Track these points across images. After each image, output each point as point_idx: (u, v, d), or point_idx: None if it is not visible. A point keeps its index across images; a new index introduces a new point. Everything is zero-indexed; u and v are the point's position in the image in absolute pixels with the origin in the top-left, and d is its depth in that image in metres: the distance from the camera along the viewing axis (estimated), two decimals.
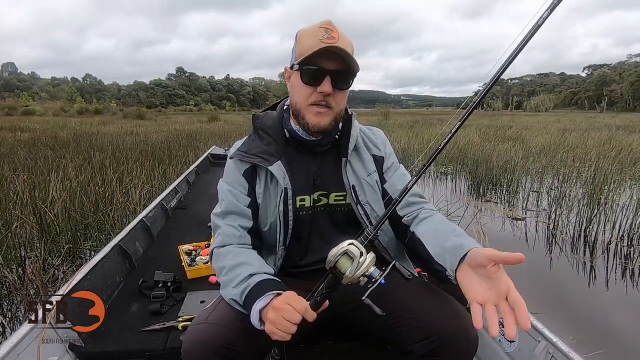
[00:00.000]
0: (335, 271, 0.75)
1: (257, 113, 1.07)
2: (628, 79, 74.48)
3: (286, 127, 1.02)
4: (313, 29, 0.90)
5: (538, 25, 0.68)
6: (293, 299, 0.78)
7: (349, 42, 0.90)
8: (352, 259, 0.73)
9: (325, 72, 0.89)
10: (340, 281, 0.75)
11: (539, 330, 1.08)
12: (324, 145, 1.01)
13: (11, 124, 14.41)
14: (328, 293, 0.78)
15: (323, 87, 0.89)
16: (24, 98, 56.59)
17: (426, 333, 0.84)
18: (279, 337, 0.76)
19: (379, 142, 1.09)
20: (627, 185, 4.94)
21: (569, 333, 1.88)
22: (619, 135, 10.62)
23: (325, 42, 0.86)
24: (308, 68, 0.89)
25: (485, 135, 10.28)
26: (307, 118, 0.93)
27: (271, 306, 0.79)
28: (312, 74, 0.90)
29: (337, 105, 0.94)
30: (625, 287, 2.54)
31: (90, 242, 2.92)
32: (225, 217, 0.99)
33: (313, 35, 0.88)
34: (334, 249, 0.75)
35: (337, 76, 0.90)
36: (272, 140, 1.01)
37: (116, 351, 1.20)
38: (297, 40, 0.94)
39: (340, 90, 0.93)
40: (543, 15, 0.67)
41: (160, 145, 7.56)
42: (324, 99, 0.91)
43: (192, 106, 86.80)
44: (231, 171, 1.02)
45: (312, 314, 0.77)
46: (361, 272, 0.73)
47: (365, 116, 22.46)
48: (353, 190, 0.99)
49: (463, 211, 3.97)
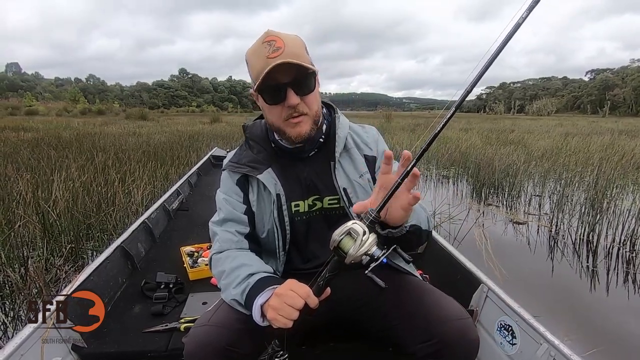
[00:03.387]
0: (338, 251, 0.75)
1: (247, 123, 1.08)
2: (631, 84, 74.28)
3: (270, 139, 1.03)
4: (257, 47, 0.88)
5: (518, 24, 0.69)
6: (295, 285, 0.79)
7: (297, 43, 0.90)
8: (354, 239, 0.73)
9: (284, 86, 0.88)
10: (343, 261, 0.75)
11: (541, 333, 1.08)
12: (309, 151, 1.01)
13: (15, 124, 14.47)
14: (331, 277, 0.78)
15: (289, 101, 0.88)
16: (27, 98, 56.84)
17: (428, 335, 0.84)
18: (281, 324, 0.76)
19: (370, 141, 1.08)
20: (630, 190, 4.92)
21: (570, 336, 1.88)
22: (622, 139, 10.57)
23: (271, 57, 0.84)
24: (266, 89, 0.89)
25: (488, 138, 10.26)
26: (288, 132, 0.94)
27: (274, 293, 0.80)
28: (273, 93, 0.89)
29: (311, 108, 0.94)
30: (627, 293, 2.53)
31: (92, 243, 2.93)
32: (222, 225, 1.00)
33: (259, 55, 0.87)
34: (338, 229, 0.75)
35: (297, 85, 0.89)
36: (262, 149, 1.02)
37: (119, 352, 1.21)
38: (247, 63, 0.93)
39: (307, 95, 0.92)
40: (523, 15, 0.68)
41: (162, 146, 7.57)
42: (295, 110, 0.90)
43: (194, 107, 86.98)
44: (225, 181, 1.04)
45: (315, 299, 0.77)
46: (364, 250, 0.73)
47: (367, 119, 22.46)
48: (345, 193, 0.99)
49: (465, 215, 3.96)
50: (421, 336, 0.85)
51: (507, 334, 1.21)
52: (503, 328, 1.23)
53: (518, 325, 1.18)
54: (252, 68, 0.90)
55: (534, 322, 1.12)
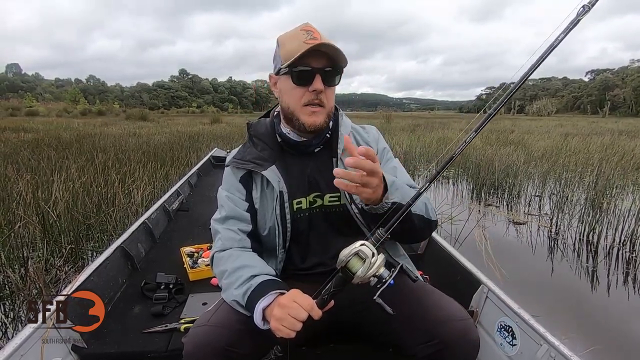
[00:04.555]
0: (346, 271, 0.75)
1: (251, 121, 1.08)
2: (631, 84, 74.26)
3: (277, 132, 1.03)
4: (294, 32, 0.92)
5: (565, 33, 0.69)
6: (300, 297, 0.79)
7: (331, 42, 0.92)
8: (363, 260, 0.74)
9: (315, 70, 0.90)
10: (350, 281, 0.76)
11: (541, 333, 1.08)
12: (316, 145, 1.02)
13: (15, 125, 14.47)
14: (335, 292, 0.79)
15: (315, 85, 0.91)
16: (27, 99, 56.79)
17: (428, 335, 0.84)
18: (284, 334, 0.77)
19: (370, 139, 1.09)
20: (629, 190, 4.92)
21: (568, 334, 1.88)
22: (622, 140, 10.58)
23: (309, 42, 0.88)
24: (297, 69, 0.91)
25: (488, 139, 10.25)
26: (302, 119, 0.95)
27: (277, 303, 0.80)
28: (303, 75, 0.91)
29: (329, 102, 0.96)
30: (627, 293, 2.53)
31: (92, 243, 2.93)
32: (224, 222, 1.00)
33: (295, 38, 0.90)
34: (346, 249, 0.75)
35: (327, 73, 0.92)
36: (266, 146, 1.02)
37: (118, 353, 1.21)
38: (279, 45, 0.95)
39: (330, 87, 0.95)
40: (569, 25, 0.68)
41: (162, 147, 7.57)
42: (317, 97, 0.92)
43: (194, 108, 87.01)
44: (228, 178, 1.04)
45: (318, 311, 0.78)
46: (372, 273, 0.74)
47: (367, 119, 22.47)
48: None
49: (465, 215, 3.96)
50: (422, 337, 0.85)
51: (507, 335, 1.21)
52: (503, 329, 1.23)
53: (518, 326, 1.18)
54: (285, 49, 0.92)
55: (534, 322, 1.12)
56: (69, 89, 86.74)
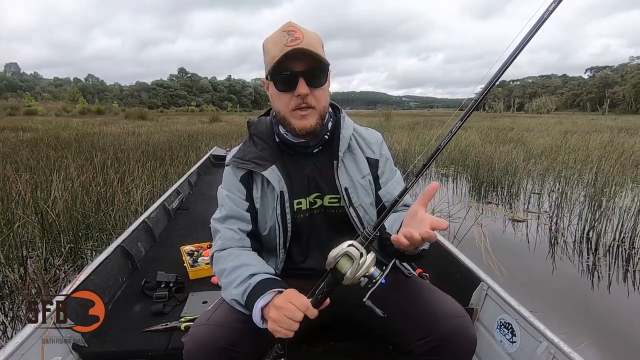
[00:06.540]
0: (335, 272, 0.75)
1: (252, 120, 1.08)
2: (630, 81, 74.29)
3: (275, 133, 1.02)
4: (276, 35, 0.90)
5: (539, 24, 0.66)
6: (295, 297, 0.79)
7: (315, 37, 0.90)
8: (352, 260, 0.73)
9: (296, 74, 0.88)
10: (340, 282, 0.76)
11: (541, 330, 1.08)
12: (314, 146, 1.01)
13: (14, 124, 14.46)
14: (329, 291, 0.79)
15: (299, 90, 0.89)
16: (26, 98, 56.63)
17: (425, 332, 0.85)
18: (281, 335, 0.77)
19: (373, 144, 1.08)
20: (629, 187, 4.93)
21: (569, 334, 1.88)
22: (621, 137, 10.60)
23: (289, 45, 0.86)
24: (279, 75, 0.89)
25: (487, 137, 10.27)
26: (293, 123, 0.94)
27: (273, 304, 0.80)
28: (285, 80, 0.90)
29: (319, 102, 0.94)
30: (627, 290, 2.54)
31: (91, 242, 2.93)
32: (224, 222, 0.99)
33: (277, 42, 0.88)
34: (334, 251, 0.75)
35: (310, 76, 0.89)
36: (266, 146, 1.01)
37: (119, 351, 1.20)
38: (264, 50, 0.94)
39: (317, 88, 0.92)
40: (544, 15, 0.65)
41: (161, 145, 7.57)
42: (304, 100, 0.91)
43: (193, 107, 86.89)
44: (228, 177, 1.03)
45: (314, 311, 0.78)
46: (361, 273, 0.74)
47: (367, 117, 22.46)
48: (346, 192, 0.99)
49: (464, 213, 3.97)
50: (419, 333, 0.86)
51: (507, 332, 1.22)
52: (503, 326, 1.24)
53: (518, 323, 1.18)
54: (268, 54, 0.91)
55: (534, 320, 1.12)
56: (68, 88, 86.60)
